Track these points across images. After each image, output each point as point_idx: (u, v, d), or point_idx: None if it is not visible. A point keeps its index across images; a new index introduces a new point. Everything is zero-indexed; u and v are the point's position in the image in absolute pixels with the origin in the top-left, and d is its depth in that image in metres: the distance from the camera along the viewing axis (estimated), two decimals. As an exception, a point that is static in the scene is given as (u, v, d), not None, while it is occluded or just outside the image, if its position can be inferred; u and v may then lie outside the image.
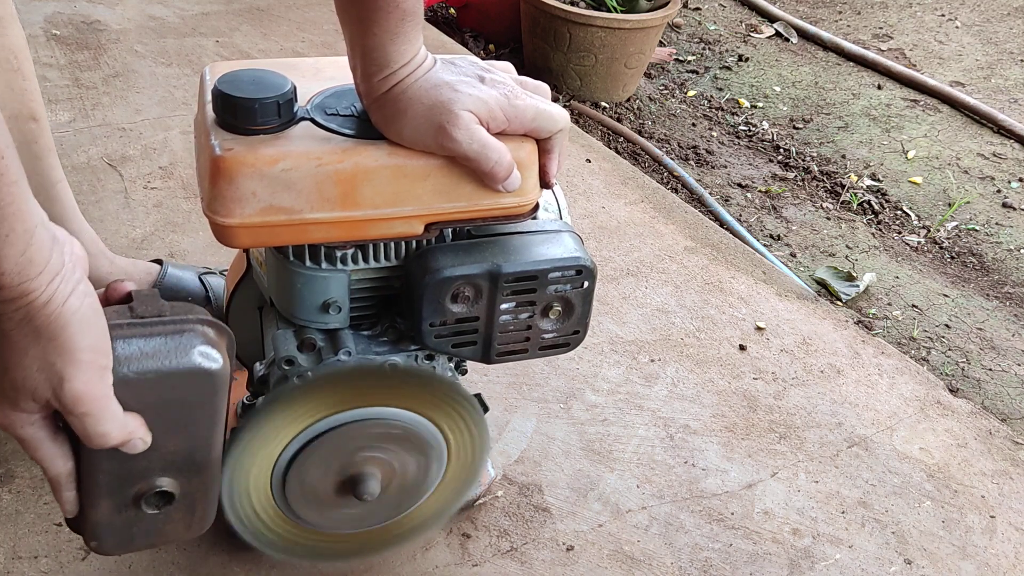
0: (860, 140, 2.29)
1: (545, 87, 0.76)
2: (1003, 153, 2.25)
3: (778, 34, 2.78)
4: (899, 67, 2.57)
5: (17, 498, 0.95)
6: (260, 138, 0.67)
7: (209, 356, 0.60)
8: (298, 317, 0.78)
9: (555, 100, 2.25)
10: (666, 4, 2.28)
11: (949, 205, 2.04)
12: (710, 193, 1.99)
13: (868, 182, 2.12)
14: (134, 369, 0.58)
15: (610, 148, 2.04)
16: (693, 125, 2.31)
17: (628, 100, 2.37)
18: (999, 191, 2.10)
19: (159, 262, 1.14)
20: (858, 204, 2.02)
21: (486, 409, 0.82)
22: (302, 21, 2.08)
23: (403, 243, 0.76)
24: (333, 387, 0.73)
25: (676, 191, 1.99)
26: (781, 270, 1.54)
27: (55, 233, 0.56)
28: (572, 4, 2.22)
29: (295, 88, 0.69)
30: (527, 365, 1.20)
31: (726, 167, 2.15)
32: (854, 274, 1.76)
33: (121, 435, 0.59)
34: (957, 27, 2.86)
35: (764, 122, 2.35)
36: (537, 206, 0.77)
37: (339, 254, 0.74)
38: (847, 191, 2.06)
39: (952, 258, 1.89)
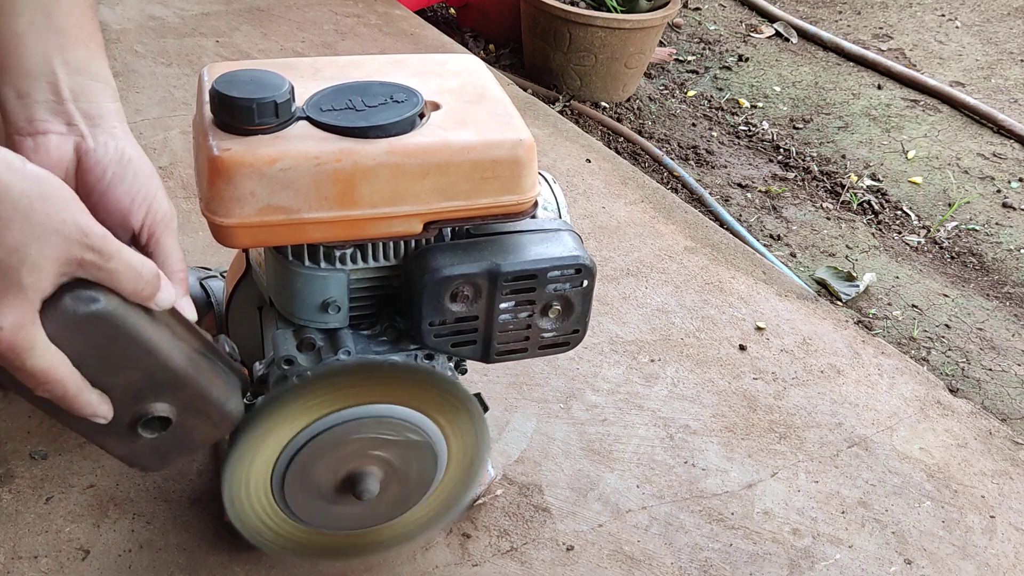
0: (860, 140, 2.29)
1: None
2: (1003, 153, 2.25)
3: (778, 34, 2.78)
4: (899, 67, 2.57)
5: (17, 498, 0.95)
6: (258, 138, 0.67)
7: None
8: (297, 317, 0.78)
9: (555, 100, 2.25)
10: (666, 4, 2.28)
11: (949, 205, 2.04)
12: (710, 193, 1.99)
13: (868, 182, 2.12)
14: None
15: (610, 148, 2.04)
16: (693, 125, 2.31)
17: (628, 100, 2.37)
18: (999, 191, 2.10)
19: None
20: (858, 204, 2.02)
21: (486, 408, 0.82)
22: (302, 21, 2.08)
23: (402, 242, 0.76)
24: (332, 386, 0.73)
25: (676, 191, 1.99)
26: (781, 270, 1.54)
27: None
28: (572, 4, 2.22)
29: (292, 88, 0.69)
30: (527, 365, 1.20)
31: (726, 167, 2.15)
32: (854, 274, 1.76)
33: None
34: (957, 27, 2.86)
35: (764, 122, 2.35)
36: (536, 205, 0.77)
37: (338, 253, 0.74)
38: (847, 191, 2.06)
39: (952, 258, 1.89)
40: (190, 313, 0.67)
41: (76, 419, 0.63)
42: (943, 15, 2.93)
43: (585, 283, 0.78)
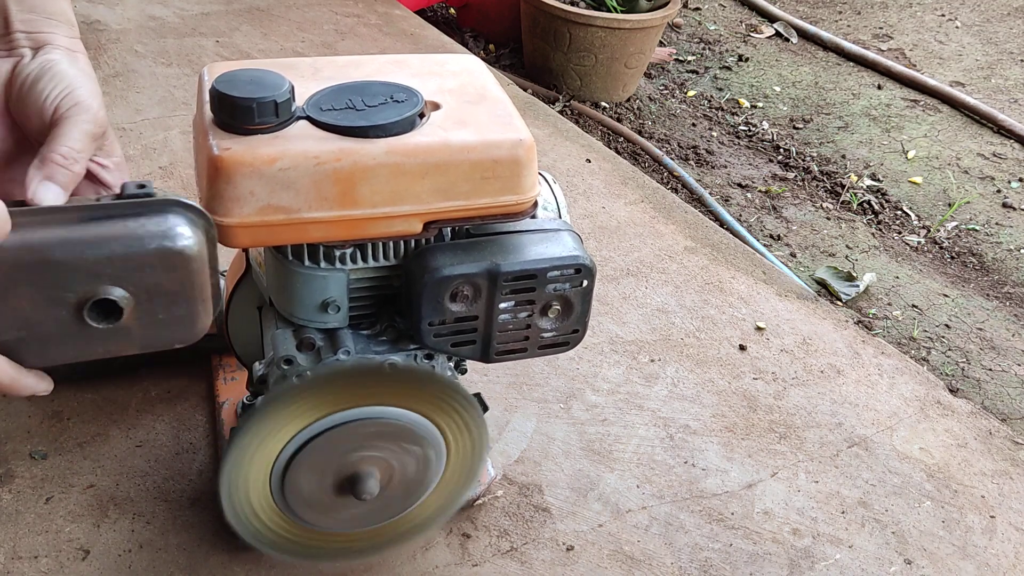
0: (860, 140, 2.29)
1: None
2: (1003, 153, 2.25)
3: (778, 34, 2.79)
4: (899, 67, 2.57)
5: (17, 498, 0.95)
6: (258, 138, 0.67)
7: None
8: (297, 316, 0.78)
9: (555, 100, 2.25)
10: (666, 4, 2.28)
11: (949, 205, 2.04)
12: (710, 193, 1.99)
13: (868, 182, 2.12)
14: None
15: (610, 148, 2.04)
16: (693, 125, 2.31)
17: (628, 100, 2.37)
18: (999, 191, 2.10)
19: None
20: (858, 204, 2.02)
21: (486, 408, 0.82)
22: (302, 21, 2.08)
23: (402, 242, 0.76)
24: (332, 386, 0.73)
25: (676, 191, 1.99)
26: (781, 270, 1.54)
27: None
28: (572, 4, 2.22)
29: (292, 87, 0.69)
30: (527, 365, 1.20)
31: (726, 167, 2.15)
32: (854, 274, 1.76)
33: None
34: (957, 27, 2.86)
35: (764, 122, 2.35)
36: (536, 205, 0.77)
37: (338, 253, 0.74)
38: (847, 191, 2.06)
39: (952, 258, 1.89)
40: (52, 197, 0.62)
41: (58, 351, 0.62)
42: (943, 15, 2.93)
43: (585, 283, 0.78)
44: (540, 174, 0.83)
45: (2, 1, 0.65)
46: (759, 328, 1.35)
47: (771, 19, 2.85)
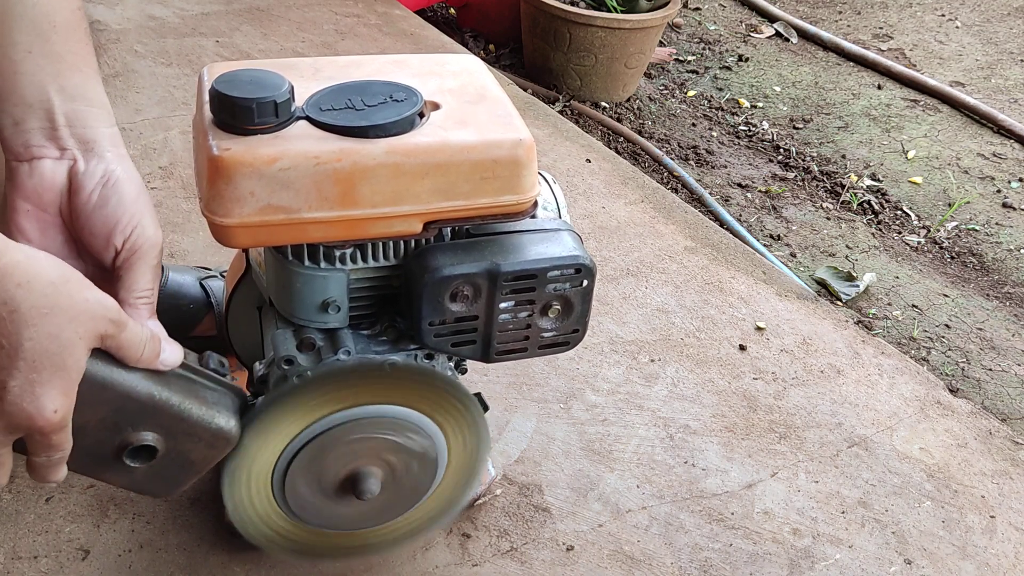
0: (860, 140, 2.29)
1: None
2: (1003, 153, 2.25)
3: (778, 34, 2.79)
4: (899, 67, 2.57)
5: (17, 498, 0.95)
6: (258, 138, 0.67)
7: None
8: (297, 317, 0.78)
9: (555, 100, 2.25)
10: (666, 4, 2.28)
11: (949, 205, 2.04)
12: (710, 193, 1.99)
13: (868, 182, 2.12)
14: None
15: (610, 148, 2.04)
16: (693, 125, 2.31)
17: (628, 100, 2.37)
18: (999, 191, 2.10)
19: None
20: (858, 204, 2.02)
21: (486, 408, 0.82)
22: (302, 21, 2.08)
23: (402, 242, 0.76)
24: (332, 386, 0.73)
25: (676, 191, 1.99)
26: (781, 270, 1.54)
27: None
28: (572, 4, 2.22)
29: (292, 87, 0.69)
30: (527, 365, 1.20)
31: (726, 167, 2.15)
32: (854, 274, 1.76)
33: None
34: (957, 27, 2.86)
35: (764, 122, 2.35)
36: (536, 204, 0.77)
37: (338, 253, 0.74)
38: (847, 191, 2.06)
39: (952, 258, 1.89)
40: (159, 333, 0.66)
41: (72, 459, 0.63)
42: (943, 15, 2.93)
43: (585, 283, 0.78)
44: (540, 174, 0.83)
45: (45, 91, 0.65)
46: (759, 328, 1.35)
47: (771, 19, 2.85)
